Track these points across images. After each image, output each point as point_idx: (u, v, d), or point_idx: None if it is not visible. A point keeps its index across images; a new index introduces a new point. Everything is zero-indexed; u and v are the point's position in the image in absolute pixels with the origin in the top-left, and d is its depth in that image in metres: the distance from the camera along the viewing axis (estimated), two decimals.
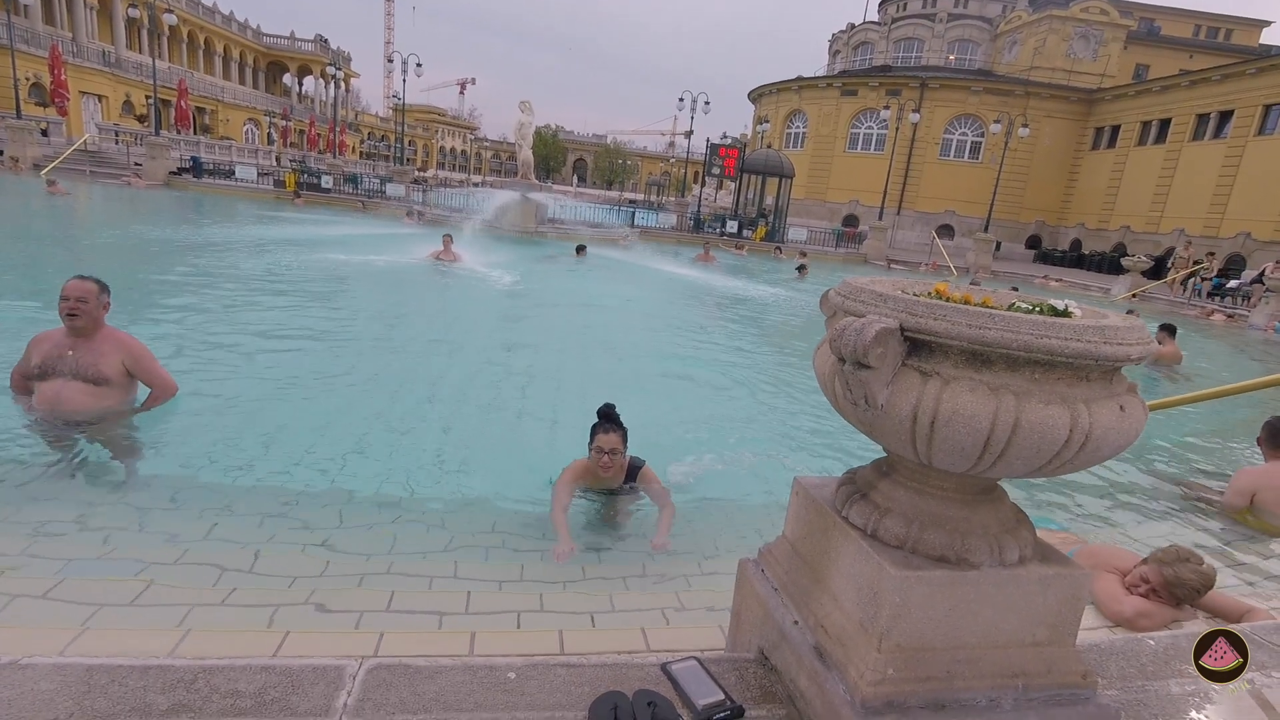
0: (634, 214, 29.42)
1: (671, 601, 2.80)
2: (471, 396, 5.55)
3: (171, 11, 35.81)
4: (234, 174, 27.53)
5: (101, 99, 39.67)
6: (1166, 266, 22.96)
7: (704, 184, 42.48)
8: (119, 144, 30.14)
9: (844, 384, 1.35)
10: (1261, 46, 41.46)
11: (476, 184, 49.64)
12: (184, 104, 38.10)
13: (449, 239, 13.29)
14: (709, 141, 35.25)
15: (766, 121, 41.19)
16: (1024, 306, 1.36)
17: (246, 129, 53.09)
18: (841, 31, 48.54)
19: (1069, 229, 36.30)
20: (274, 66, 62.07)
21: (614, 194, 62.58)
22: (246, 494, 3.44)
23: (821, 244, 28.02)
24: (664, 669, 1.68)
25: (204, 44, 51.69)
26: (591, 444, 3.45)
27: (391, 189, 27.19)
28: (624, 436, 3.47)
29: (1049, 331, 1.20)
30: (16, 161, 23.13)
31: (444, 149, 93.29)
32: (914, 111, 33.41)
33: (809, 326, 10.88)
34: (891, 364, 1.29)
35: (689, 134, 35.50)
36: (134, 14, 28.72)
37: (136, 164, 26.29)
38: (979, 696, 1.45)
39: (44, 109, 32.64)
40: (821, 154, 39.65)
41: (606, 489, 3.60)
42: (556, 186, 42.21)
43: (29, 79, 33.15)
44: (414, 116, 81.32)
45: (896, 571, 1.40)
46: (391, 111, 78.99)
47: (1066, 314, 1.32)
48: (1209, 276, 20.96)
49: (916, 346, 1.31)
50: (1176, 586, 2.72)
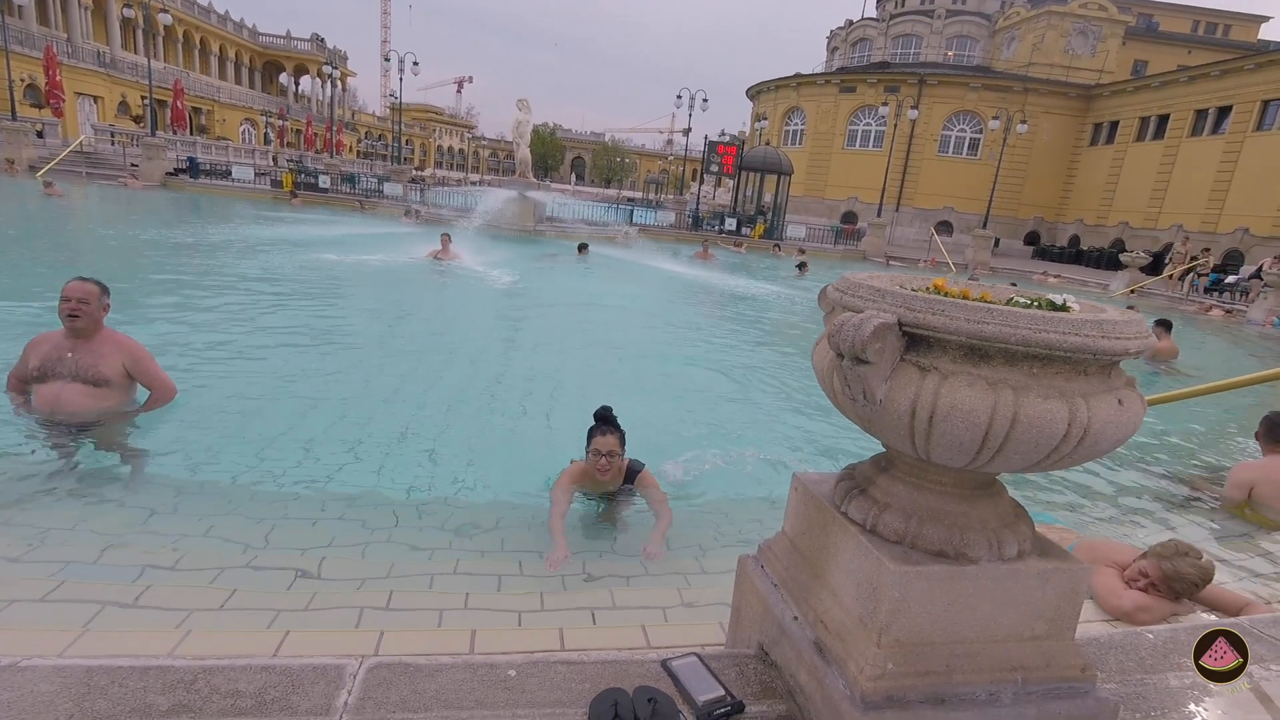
0: (632, 212, 29.39)
1: (672, 598, 2.81)
2: (471, 395, 5.56)
3: (167, 11, 35.77)
4: (230, 174, 27.46)
5: (97, 100, 39.59)
6: (1164, 262, 22.97)
7: (702, 181, 42.41)
8: (115, 145, 30.08)
9: (842, 379, 1.35)
10: (1260, 42, 41.48)
11: (474, 183, 49.66)
12: (180, 104, 38.03)
13: (447, 238, 13.27)
14: (707, 139, 35.22)
15: (765, 119, 41.15)
16: (1022, 301, 1.36)
17: (243, 129, 53.00)
18: (840, 28, 48.53)
19: (1067, 225, 36.30)
20: (270, 66, 61.95)
21: (612, 192, 62.53)
22: (246, 494, 3.45)
23: (820, 241, 27.99)
24: (664, 665, 1.68)
25: (199, 44, 51.58)
26: (589, 447, 3.39)
27: (389, 188, 27.13)
28: (621, 439, 3.42)
29: (1047, 326, 1.20)
30: (12, 163, 23.06)
31: (441, 148, 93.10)
32: (912, 108, 33.38)
33: (809, 323, 10.88)
34: (890, 359, 1.29)
35: (687, 131, 35.39)
36: (129, 14, 28.66)
37: (133, 165, 26.23)
38: (978, 690, 1.45)
39: (39, 110, 32.57)
40: (820, 151, 39.62)
41: (605, 492, 3.55)
42: (555, 185, 42.15)
43: (24, 80, 33.09)
44: (411, 115, 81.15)
45: (895, 566, 1.40)
46: (389, 110, 78.83)
47: (1065, 309, 1.32)
48: (1205, 272, 20.99)
49: (915, 341, 1.31)
50: (1175, 581, 2.73)
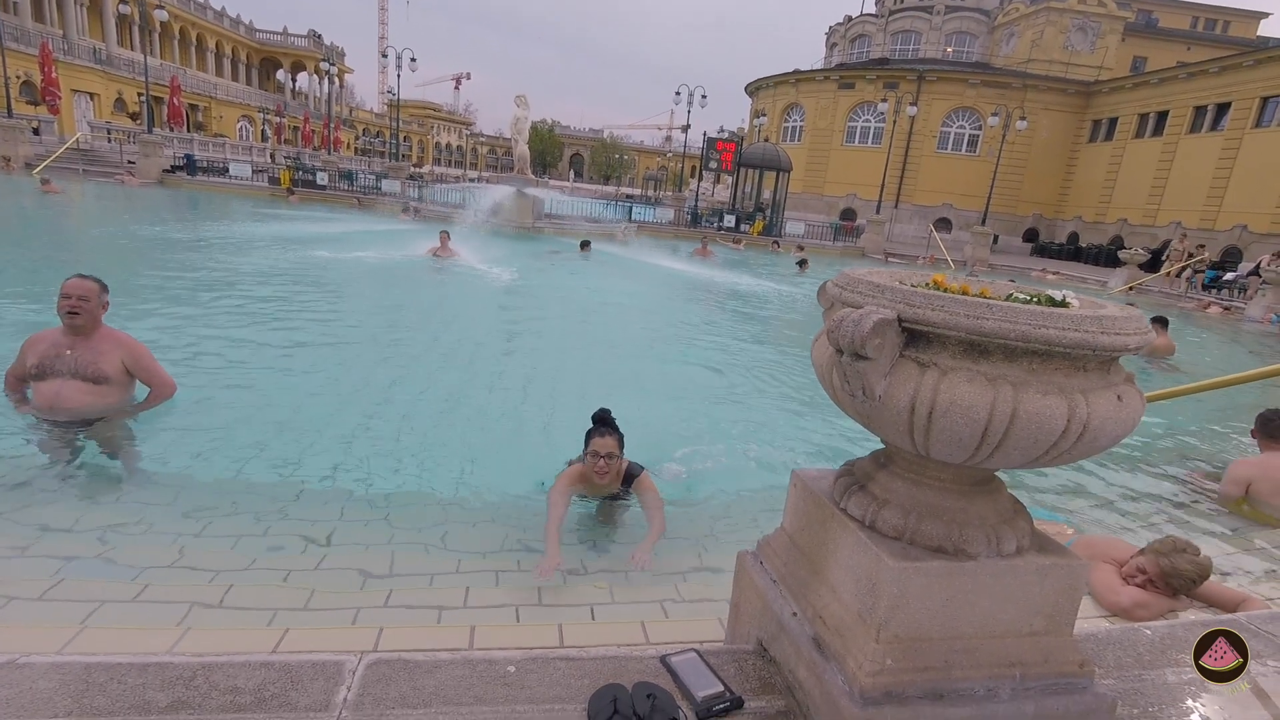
0: (631, 209, 29.36)
1: (671, 594, 2.81)
2: (471, 392, 5.56)
3: (162, 7, 35.62)
4: (228, 171, 27.40)
5: (93, 97, 39.43)
6: (1162, 259, 23.01)
7: (701, 178, 42.38)
8: (112, 142, 30.00)
9: (842, 375, 1.35)
10: (1259, 38, 41.41)
11: (473, 179, 49.58)
12: (177, 101, 37.84)
13: (446, 235, 13.25)
14: (706, 136, 35.23)
15: (764, 115, 41.12)
16: (1021, 297, 1.36)
17: (240, 126, 52.84)
18: (839, 24, 48.41)
19: (1066, 222, 36.31)
20: (267, 62, 61.69)
21: (611, 189, 62.41)
22: (245, 491, 3.44)
23: (819, 238, 27.99)
24: (663, 661, 1.68)
25: (196, 40, 51.36)
26: (586, 449, 3.33)
27: (387, 185, 27.09)
28: (620, 441, 3.38)
29: (1046, 321, 1.20)
30: (9, 161, 22.99)
31: (440, 144, 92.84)
32: (911, 104, 33.33)
33: (808, 320, 10.88)
34: (889, 355, 1.29)
35: (686, 128, 35.34)
36: (124, 10, 28.41)
37: (130, 162, 26.15)
38: (976, 686, 1.46)
39: (35, 107, 32.40)
40: (819, 147, 39.57)
41: (602, 495, 3.51)
42: (553, 181, 42.07)
43: (19, 77, 32.95)
44: (409, 112, 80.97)
45: (894, 562, 1.40)
46: (386, 107, 78.49)
47: (1064, 305, 1.31)
48: (1202, 269, 21.03)
49: (914, 337, 1.31)
50: (1173, 577, 2.74)
